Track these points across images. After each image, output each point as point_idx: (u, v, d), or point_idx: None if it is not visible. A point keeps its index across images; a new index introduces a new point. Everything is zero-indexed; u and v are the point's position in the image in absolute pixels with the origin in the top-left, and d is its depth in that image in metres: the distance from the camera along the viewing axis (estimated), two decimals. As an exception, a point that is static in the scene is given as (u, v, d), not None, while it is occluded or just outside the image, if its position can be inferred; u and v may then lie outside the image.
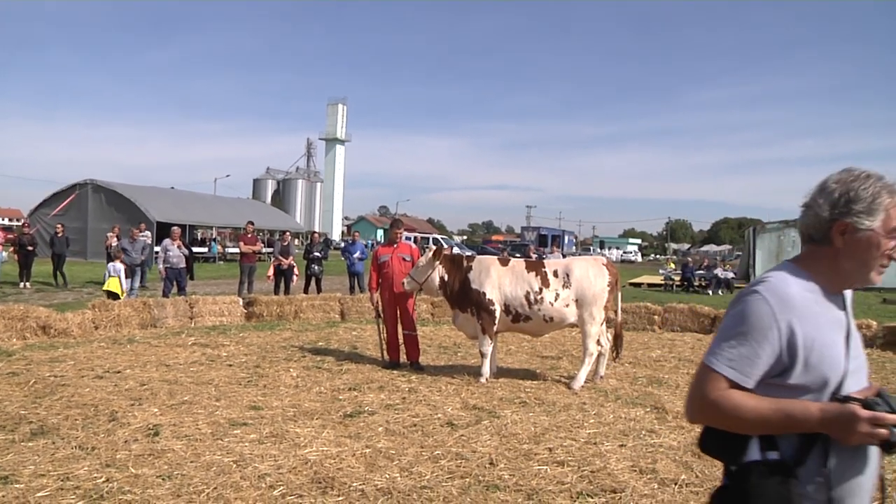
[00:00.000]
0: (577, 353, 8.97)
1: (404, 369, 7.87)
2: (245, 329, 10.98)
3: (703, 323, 11.97)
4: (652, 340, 10.84)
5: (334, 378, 7.21)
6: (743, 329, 1.64)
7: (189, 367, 7.59)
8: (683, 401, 6.39)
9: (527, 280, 7.13)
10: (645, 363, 8.64)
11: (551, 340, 10.38)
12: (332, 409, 5.85)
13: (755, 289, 1.68)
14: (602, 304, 7.09)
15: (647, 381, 7.49)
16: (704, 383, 1.67)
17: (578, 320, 7.11)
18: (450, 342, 10.18)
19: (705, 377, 1.67)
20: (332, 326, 11.63)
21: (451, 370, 7.83)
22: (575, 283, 7.07)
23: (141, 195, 31.05)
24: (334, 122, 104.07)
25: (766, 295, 1.65)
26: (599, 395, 6.67)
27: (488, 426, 5.39)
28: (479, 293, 7.16)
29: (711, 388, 1.65)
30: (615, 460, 4.59)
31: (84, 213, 30.35)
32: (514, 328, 7.41)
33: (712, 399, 1.64)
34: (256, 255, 15.29)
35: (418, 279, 7.56)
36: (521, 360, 8.79)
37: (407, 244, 8.50)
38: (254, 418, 5.48)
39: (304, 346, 9.38)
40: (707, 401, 1.65)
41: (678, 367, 8.44)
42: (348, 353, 8.94)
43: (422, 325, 11.57)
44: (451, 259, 7.64)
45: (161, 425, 5.20)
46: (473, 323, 7.31)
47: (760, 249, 27.47)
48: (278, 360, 8.17)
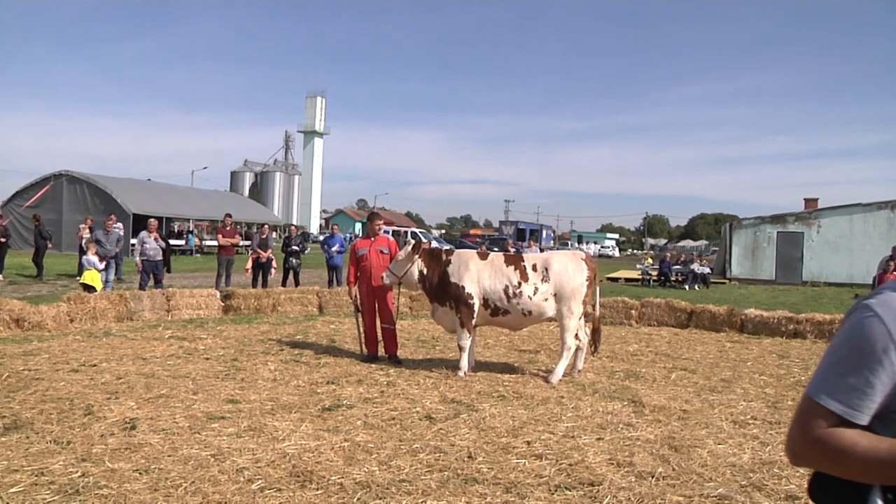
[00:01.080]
0: (555, 347, 9.04)
1: (382, 363, 7.87)
2: (222, 322, 10.89)
3: (679, 318, 12.12)
4: (629, 335, 10.95)
5: (312, 371, 7.18)
6: (852, 353, 1.37)
7: (166, 361, 7.52)
8: (660, 394, 6.48)
9: (506, 274, 7.16)
10: (622, 357, 8.72)
11: (529, 334, 10.44)
12: (311, 402, 5.83)
13: (866, 303, 1.40)
14: (580, 299, 7.15)
15: (624, 374, 7.57)
16: (806, 419, 1.40)
17: (557, 314, 7.15)
18: (428, 336, 10.19)
19: (808, 411, 1.41)
20: (310, 320, 11.58)
21: (429, 364, 7.85)
22: (554, 277, 7.12)
23: (117, 187, 30.56)
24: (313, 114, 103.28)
25: (880, 311, 1.36)
26: (577, 389, 6.73)
27: (467, 420, 5.41)
28: (458, 287, 7.18)
29: (814, 424, 1.38)
30: (593, 453, 4.63)
31: (59, 204, 29.81)
32: (493, 322, 7.43)
33: (815, 437, 1.38)
34: (234, 248, 15.15)
35: (397, 273, 7.55)
36: (499, 353, 8.83)
37: (385, 237, 8.48)
38: (231, 412, 5.45)
39: (282, 339, 9.33)
40: (809, 439, 1.39)
41: (655, 361, 8.55)
42: (326, 346, 8.91)
43: (400, 319, 11.55)
44: (431, 253, 7.65)
45: (138, 419, 5.14)
46: (452, 316, 7.33)
47: (736, 245, 27.92)
48: (256, 354, 8.13)
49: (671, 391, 6.76)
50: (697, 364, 8.39)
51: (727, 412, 5.95)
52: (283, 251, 15.57)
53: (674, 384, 7.14)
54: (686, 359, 8.76)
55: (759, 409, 6.14)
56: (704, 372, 7.89)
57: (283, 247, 15.81)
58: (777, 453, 4.79)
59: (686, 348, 9.67)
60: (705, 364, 8.42)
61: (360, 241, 8.40)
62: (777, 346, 10.16)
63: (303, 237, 16.63)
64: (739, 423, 5.59)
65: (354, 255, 8.25)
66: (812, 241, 27.04)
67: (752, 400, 6.49)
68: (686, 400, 6.38)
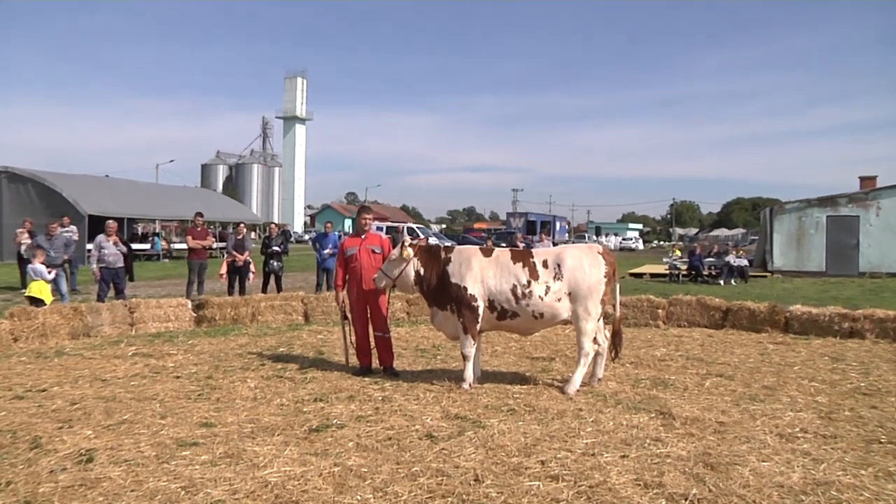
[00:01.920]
0: (572, 353, 9.01)
1: (377, 376, 7.85)
2: (195, 335, 10.89)
3: (713, 317, 12.09)
4: (656, 337, 10.94)
5: (298, 388, 7.17)
6: None
7: (129, 382, 7.51)
8: (693, 404, 6.43)
9: (513, 272, 7.13)
10: (648, 363, 8.71)
11: (542, 339, 10.42)
12: (296, 423, 5.82)
13: None
14: (598, 298, 7.12)
15: (650, 383, 7.55)
16: None
17: (572, 316, 7.13)
18: (428, 344, 10.17)
19: None
20: (295, 330, 11.58)
21: (429, 375, 7.83)
22: (567, 274, 7.09)
23: (68, 185, 30.49)
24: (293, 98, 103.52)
25: None
26: (597, 400, 6.70)
27: (472, 438, 5.39)
28: (460, 288, 7.16)
29: None
30: (616, 473, 4.61)
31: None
32: (500, 326, 7.40)
33: None
34: (207, 252, 15.16)
35: (391, 274, 7.53)
36: (508, 362, 8.81)
37: (377, 235, 8.47)
38: (205, 437, 5.43)
39: (263, 352, 9.32)
40: None
41: (686, 366, 8.52)
42: (314, 359, 8.90)
43: (396, 326, 11.54)
44: (428, 250, 7.63)
45: (95, 450, 5.10)
46: (454, 322, 7.31)
47: (779, 233, 27.45)
48: (233, 370, 8.12)
49: (705, 401, 6.74)
50: (735, 369, 8.36)
51: (772, 424, 5.90)
52: (262, 253, 15.57)
53: (708, 393, 7.11)
54: (722, 363, 8.74)
55: (810, 420, 6.07)
56: (744, 378, 7.86)
57: (262, 248, 15.81)
58: (834, 472, 4.69)
59: (722, 352, 9.64)
60: (744, 369, 8.39)
61: (348, 240, 8.38)
62: (829, 347, 10.07)
63: (284, 236, 16.58)
64: (787, 437, 5.53)
65: (342, 256, 8.24)
66: (870, 225, 26.35)
67: (802, 410, 6.43)
68: (723, 410, 6.35)
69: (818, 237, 27.02)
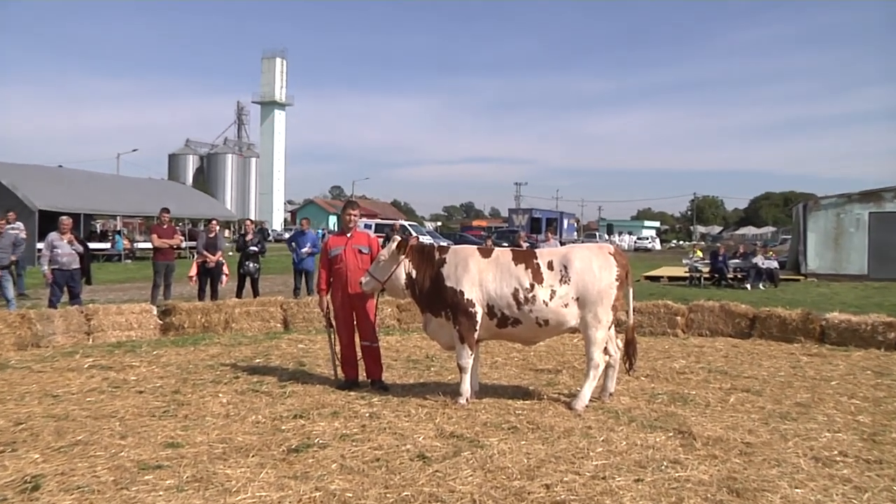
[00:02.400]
0: (580, 364, 9.01)
1: (363, 390, 7.86)
2: (160, 345, 10.89)
3: (739, 325, 12.12)
4: (674, 348, 10.98)
5: (276, 403, 7.17)
6: None
7: (85, 398, 7.48)
8: (716, 422, 6.41)
9: (515, 274, 7.15)
10: (666, 376, 8.74)
11: (547, 349, 10.45)
12: (273, 442, 5.82)
13: None
14: (609, 304, 7.14)
15: (668, 398, 7.57)
16: None
17: (580, 324, 7.14)
18: (420, 354, 10.20)
19: None
20: (273, 339, 11.59)
21: (422, 389, 7.84)
22: (575, 276, 7.11)
23: (16, 176, 30.39)
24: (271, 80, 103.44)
25: None
26: (609, 417, 6.72)
27: (470, 459, 5.40)
28: (456, 292, 7.17)
29: None
30: (630, 499, 4.62)
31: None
32: (501, 335, 7.41)
33: None
34: (174, 252, 15.13)
35: (379, 277, 7.55)
36: (509, 374, 8.84)
37: (364, 233, 8.49)
38: (171, 459, 5.42)
39: (237, 364, 9.33)
40: None
41: (708, 380, 8.55)
42: (294, 371, 8.91)
43: (385, 334, 11.54)
44: (421, 251, 7.64)
45: (43, 476, 5.04)
46: (449, 330, 7.32)
47: (814, 231, 27.26)
48: (204, 384, 8.12)
49: (730, 419, 6.75)
50: (764, 384, 8.38)
51: (806, 446, 5.90)
52: (237, 252, 15.55)
53: (733, 410, 7.13)
54: (749, 377, 8.76)
55: (851, 442, 6.06)
56: (773, 394, 7.87)
57: (237, 248, 15.80)
58: (880, 501, 4.69)
59: (748, 364, 9.68)
60: (774, 384, 8.40)
61: (332, 239, 8.40)
62: (871, 360, 10.04)
63: (261, 235, 16.59)
64: (823, 461, 5.53)
65: (326, 256, 8.25)
66: (920, 223, 25.87)
67: (840, 430, 6.42)
68: (750, 430, 6.35)
69: (859, 236, 26.74)
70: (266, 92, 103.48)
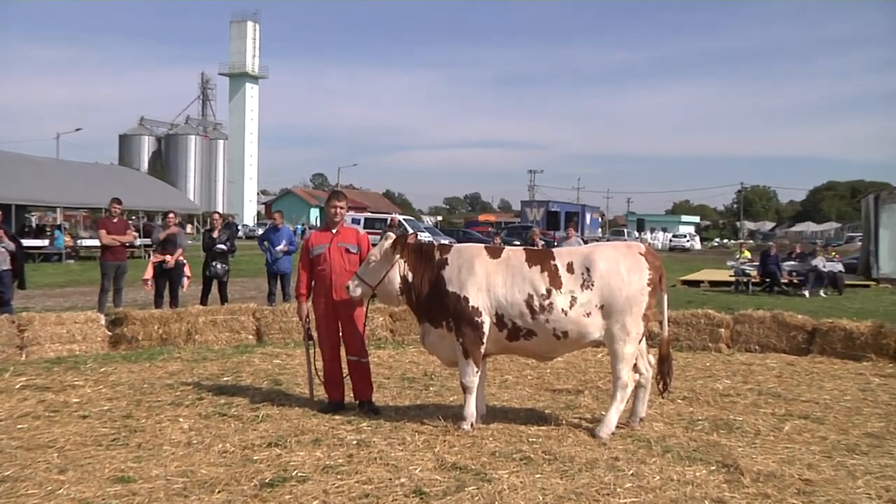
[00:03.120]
0: (605, 384, 9.04)
1: (351, 413, 7.88)
2: (109, 361, 10.88)
3: (795, 339, 12.08)
4: (717, 365, 10.99)
5: (247, 430, 7.19)
6: None
7: (16, 425, 7.43)
8: (768, 454, 6.38)
9: (529, 278, 7.16)
10: (707, 399, 8.74)
11: (566, 366, 10.48)
12: (243, 475, 5.83)
13: None
14: (640, 313, 7.15)
15: (710, 425, 7.57)
16: None
17: (605, 336, 7.16)
18: (418, 371, 10.23)
19: None
20: (244, 353, 11.61)
21: (419, 413, 7.86)
22: (599, 281, 7.11)
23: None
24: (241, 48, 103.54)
25: None
26: (639, 447, 6.74)
27: (475, 495, 5.42)
28: (459, 298, 7.19)
29: None
30: (662, 542, 4.62)
31: None
32: (512, 349, 7.45)
33: None
34: (126, 250, 15.14)
35: (370, 280, 7.55)
36: (522, 395, 8.86)
37: (352, 229, 8.50)
38: (121, 496, 5.43)
39: (202, 383, 9.35)
40: None
41: (757, 404, 8.55)
42: (268, 392, 8.94)
43: (376, 348, 11.57)
44: (419, 250, 7.66)
45: (-38, 521, 5.07)
46: (451, 343, 7.34)
47: (887, 228, 26.92)
48: (161, 406, 8.13)
49: (784, 451, 6.73)
50: (826, 410, 8.35)
51: (879, 486, 5.86)
52: (203, 251, 15.55)
53: (789, 440, 7.12)
54: (807, 401, 8.75)
55: (935, 482, 6.03)
56: (838, 422, 7.84)
57: (202, 246, 15.79)
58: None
59: (807, 385, 9.67)
60: (839, 410, 8.37)
61: (315, 235, 8.42)
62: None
63: (230, 231, 16.58)
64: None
65: (307, 256, 8.25)
66: None
67: (923, 468, 6.40)
68: (809, 464, 6.33)
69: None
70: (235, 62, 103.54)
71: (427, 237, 34.16)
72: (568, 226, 21.14)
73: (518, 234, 41.89)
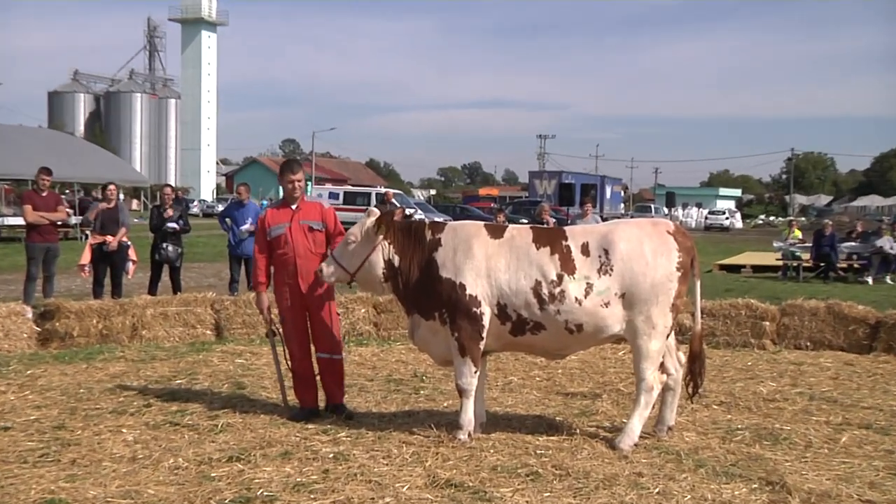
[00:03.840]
0: (627, 386, 9.10)
1: (327, 421, 7.91)
2: (38, 362, 10.88)
3: (854, 334, 12.11)
4: (760, 364, 11.03)
5: (203, 441, 7.20)
6: None
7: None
8: (820, 470, 6.40)
9: (536, 262, 7.16)
10: (748, 404, 8.76)
11: (581, 365, 10.54)
12: (199, 495, 5.84)
13: None
14: (668, 303, 7.15)
15: (751, 435, 7.59)
16: None
17: (627, 330, 7.17)
18: (406, 372, 10.28)
19: None
20: (201, 351, 11.64)
21: (407, 420, 7.90)
22: (620, 264, 7.11)
23: None
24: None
25: None
26: (667, 461, 6.76)
27: (473, 517, 5.44)
28: (454, 286, 7.18)
29: None
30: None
31: None
32: (517, 345, 7.47)
33: None
34: (58, 230, 15.10)
35: (348, 264, 7.53)
36: (528, 400, 8.89)
37: (315, 203, 8.47)
38: (54, 520, 5.45)
39: (150, 387, 9.36)
40: None
41: (808, 410, 8.56)
42: (229, 396, 8.96)
43: (357, 344, 11.63)
44: (407, 229, 7.64)
45: None
46: (445, 338, 7.35)
47: None
48: (100, 415, 8.12)
49: (842, 466, 6.74)
50: (891, 418, 8.36)
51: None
52: (151, 231, 15.53)
53: (846, 454, 7.12)
54: (869, 408, 8.76)
55: None
56: (905, 433, 7.90)
57: (150, 225, 15.77)
58: None
59: (868, 389, 9.71)
60: (907, 418, 8.43)
61: (270, 213, 8.34)
62: None
63: (182, 206, 16.54)
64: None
65: (264, 238, 8.23)
66: None
67: None
68: (871, 483, 6.33)
69: None
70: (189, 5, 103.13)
71: (418, 215, 34.16)
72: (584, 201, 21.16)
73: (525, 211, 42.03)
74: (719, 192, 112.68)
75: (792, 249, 25.74)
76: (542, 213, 19.85)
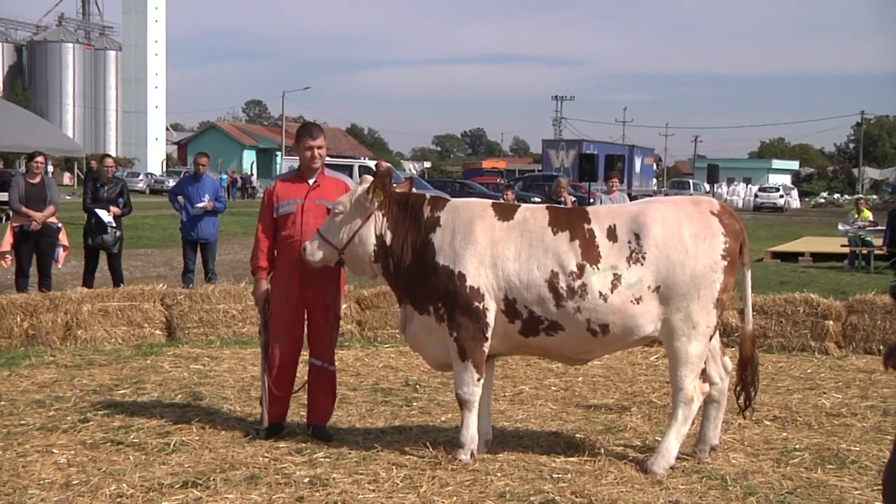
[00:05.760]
0: (660, 398, 9.16)
1: (301, 438, 7.93)
2: (-47, 367, 10.90)
3: (935, 337, 12.12)
4: (822, 372, 11.08)
5: (152, 464, 7.21)
6: None
7: None
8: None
9: (552, 249, 7.16)
10: (808, 419, 8.80)
11: (606, 372, 10.59)
12: (147, 528, 5.89)
13: None
14: (711, 298, 7.16)
15: (812, 457, 7.62)
16: None
17: (662, 331, 7.19)
18: (396, 380, 10.33)
19: None
20: (149, 355, 11.68)
21: (398, 437, 7.93)
22: (654, 252, 7.11)
23: None
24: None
25: None
26: (710, 487, 6.78)
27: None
28: (452, 275, 7.18)
29: None
30: None
31: None
32: (529, 348, 7.51)
33: None
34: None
35: (335, 240, 7.49)
36: (543, 413, 8.93)
37: (337, 181, 8.33)
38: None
39: (85, 397, 9.39)
40: None
41: (881, 428, 8.61)
42: (183, 409, 8.99)
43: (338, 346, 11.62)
44: (404, 202, 7.62)
45: None
46: (442, 337, 7.36)
47: None
48: (26, 433, 8.14)
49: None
50: None
51: None
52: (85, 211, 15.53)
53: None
54: (954, 425, 8.81)
55: None
56: None
57: (84, 204, 15.77)
58: None
59: (953, 402, 9.73)
60: None
61: (281, 186, 8.21)
62: None
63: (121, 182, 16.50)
64: None
65: (269, 215, 8.16)
66: None
67: None
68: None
69: None
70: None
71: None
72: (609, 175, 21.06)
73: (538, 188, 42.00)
74: (772, 164, 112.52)
75: (860, 234, 25.73)
76: (560, 191, 19.81)
